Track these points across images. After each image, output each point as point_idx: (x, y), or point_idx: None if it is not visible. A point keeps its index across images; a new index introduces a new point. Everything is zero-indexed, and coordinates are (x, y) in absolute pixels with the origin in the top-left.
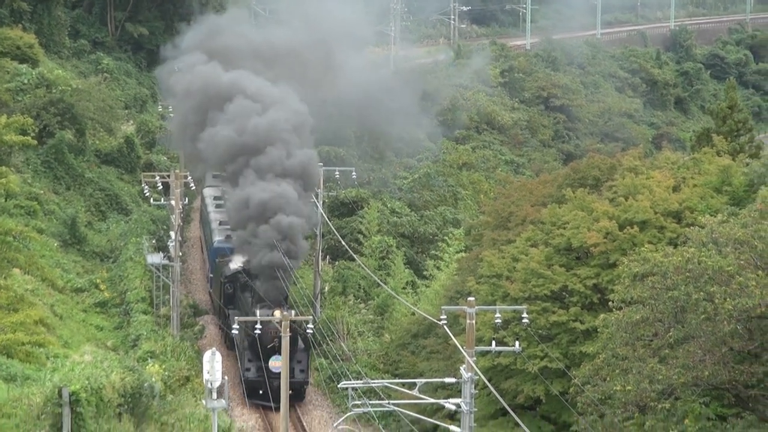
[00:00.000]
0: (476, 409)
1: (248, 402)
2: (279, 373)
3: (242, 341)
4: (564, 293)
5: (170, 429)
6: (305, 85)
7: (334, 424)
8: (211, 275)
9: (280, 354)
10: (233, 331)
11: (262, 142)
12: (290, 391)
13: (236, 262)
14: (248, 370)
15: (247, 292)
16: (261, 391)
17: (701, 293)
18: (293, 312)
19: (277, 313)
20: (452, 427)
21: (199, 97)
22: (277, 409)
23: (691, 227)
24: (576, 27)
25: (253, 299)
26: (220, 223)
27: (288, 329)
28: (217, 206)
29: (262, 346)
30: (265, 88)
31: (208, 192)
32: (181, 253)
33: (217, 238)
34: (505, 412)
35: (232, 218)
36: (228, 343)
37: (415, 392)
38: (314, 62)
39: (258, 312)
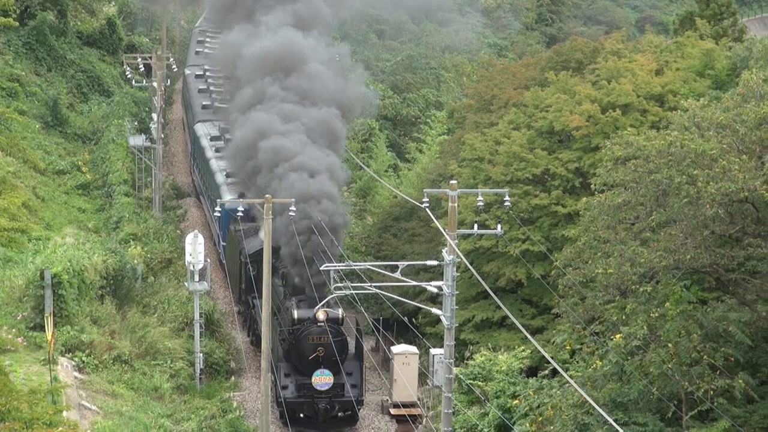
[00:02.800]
0: (458, 292)
1: (290, 429)
2: (325, 391)
3: (276, 349)
4: (546, 176)
5: (152, 311)
6: None
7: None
8: (224, 244)
9: (325, 367)
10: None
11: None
12: (340, 414)
13: (260, 235)
14: (285, 387)
15: (275, 277)
16: (302, 414)
17: (684, 177)
18: (340, 311)
19: (321, 314)
20: (434, 310)
21: None
22: None
23: (674, 111)
24: None
25: (285, 289)
26: (228, 176)
27: (270, 212)
28: (218, 150)
29: (301, 357)
30: None
31: (202, 129)
32: (163, 135)
33: (228, 197)
34: (486, 295)
35: (241, 166)
36: (253, 339)
37: (397, 275)
38: None
39: (296, 313)
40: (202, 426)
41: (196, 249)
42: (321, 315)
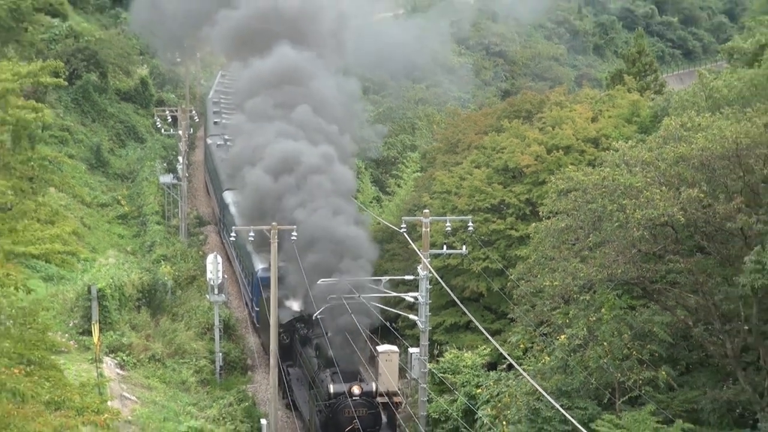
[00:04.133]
0: (430, 301)
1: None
2: None
3: (312, 416)
4: (502, 206)
5: (180, 318)
6: None
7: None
8: (257, 309)
9: None
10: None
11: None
12: None
13: (292, 304)
14: None
15: (308, 347)
16: None
17: (615, 205)
18: (374, 384)
19: (356, 388)
20: (411, 316)
21: None
22: None
23: (607, 151)
24: None
25: (319, 360)
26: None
27: (276, 237)
28: None
29: (338, 430)
30: None
31: (231, 197)
32: (187, 174)
33: (261, 265)
34: (454, 304)
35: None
36: (288, 403)
37: (380, 288)
38: None
39: (332, 387)
40: (222, 412)
41: (215, 267)
42: (356, 389)
